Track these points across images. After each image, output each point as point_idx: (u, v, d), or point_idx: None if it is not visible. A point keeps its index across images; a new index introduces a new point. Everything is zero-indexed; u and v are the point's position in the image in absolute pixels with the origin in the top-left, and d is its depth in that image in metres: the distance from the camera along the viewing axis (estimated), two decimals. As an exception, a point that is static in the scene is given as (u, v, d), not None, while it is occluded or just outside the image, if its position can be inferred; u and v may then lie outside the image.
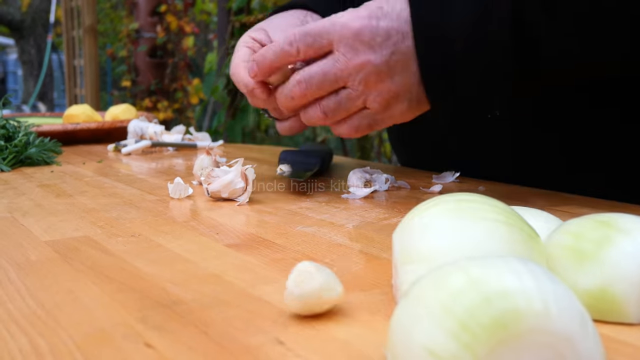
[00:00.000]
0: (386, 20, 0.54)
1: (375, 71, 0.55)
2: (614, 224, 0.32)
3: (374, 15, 0.55)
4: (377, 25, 0.54)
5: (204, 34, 7.40)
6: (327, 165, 0.83)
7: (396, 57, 0.54)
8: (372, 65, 0.54)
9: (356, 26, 0.54)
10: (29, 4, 7.50)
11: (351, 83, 0.56)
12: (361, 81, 0.55)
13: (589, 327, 0.24)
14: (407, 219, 0.34)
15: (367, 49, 0.54)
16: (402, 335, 0.25)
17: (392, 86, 0.55)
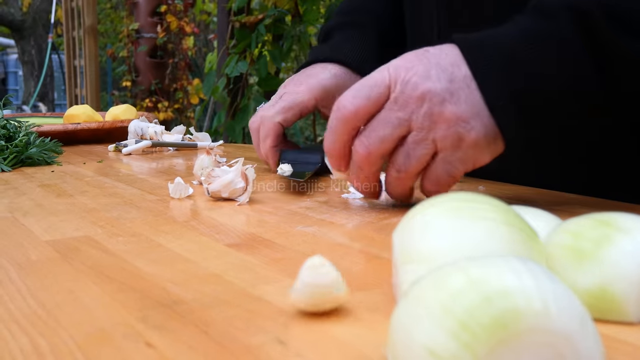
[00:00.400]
0: (435, 57, 0.53)
1: (439, 99, 0.51)
2: (613, 223, 0.32)
3: (420, 54, 0.54)
4: (428, 60, 0.53)
5: (204, 34, 7.39)
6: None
7: (456, 85, 0.52)
8: (434, 93, 0.52)
9: (407, 64, 0.53)
10: (30, 4, 7.51)
11: (415, 121, 0.52)
12: (425, 114, 0.52)
13: (588, 326, 0.24)
14: (407, 218, 0.34)
15: (424, 79, 0.52)
16: (402, 334, 0.25)
17: (457, 111, 0.51)
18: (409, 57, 0.54)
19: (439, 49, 0.54)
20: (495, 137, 0.53)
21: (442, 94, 0.51)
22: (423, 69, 0.53)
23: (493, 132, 0.52)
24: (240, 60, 2.64)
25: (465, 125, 0.52)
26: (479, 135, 0.52)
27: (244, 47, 2.65)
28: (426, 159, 0.54)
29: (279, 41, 2.83)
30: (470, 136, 0.52)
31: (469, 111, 0.51)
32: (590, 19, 0.49)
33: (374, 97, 0.53)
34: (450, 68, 0.52)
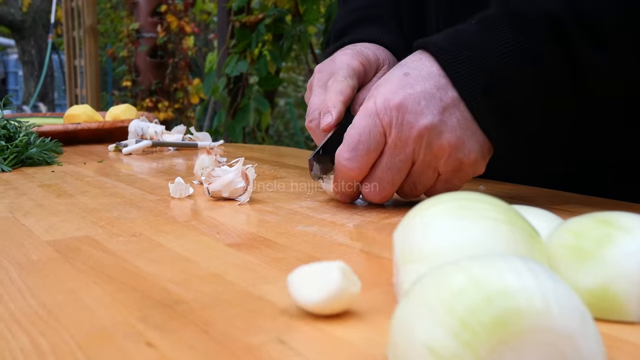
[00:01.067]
0: (418, 81, 0.53)
1: (436, 133, 0.53)
2: (614, 223, 0.32)
3: (403, 85, 0.54)
4: (412, 89, 0.53)
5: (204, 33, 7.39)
6: None
7: (448, 112, 0.53)
8: (431, 128, 0.53)
9: (396, 102, 0.53)
10: (30, 4, 7.51)
11: (417, 157, 0.55)
12: (426, 150, 0.54)
13: (589, 325, 0.24)
14: (408, 218, 0.34)
15: (417, 117, 0.53)
16: (403, 334, 0.25)
17: (455, 139, 0.53)
18: (392, 89, 0.54)
19: (417, 69, 0.54)
20: (489, 149, 0.56)
21: (437, 127, 0.53)
22: (412, 103, 0.53)
23: (487, 146, 0.55)
24: (241, 60, 2.64)
25: (464, 149, 0.54)
26: (477, 155, 0.55)
27: (244, 46, 2.65)
28: (431, 183, 0.57)
29: (279, 41, 2.83)
30: (470, 159, 0.55)
31: (464, 134, 0.54)
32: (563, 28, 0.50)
33: (373, 150, 0.55)
34: (438, 93, 0.53)
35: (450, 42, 0.54)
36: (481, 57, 0.52)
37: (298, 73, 5.94)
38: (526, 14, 0.52)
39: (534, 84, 0.52)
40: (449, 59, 0.53)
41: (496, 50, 0.52)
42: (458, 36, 0.54)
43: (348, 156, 0.55)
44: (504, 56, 0.52)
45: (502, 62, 0.52)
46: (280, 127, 5.95)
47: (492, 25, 0.53)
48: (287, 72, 5.66)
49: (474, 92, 0.52)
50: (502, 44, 0.52)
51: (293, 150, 1.16)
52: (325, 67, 0.67)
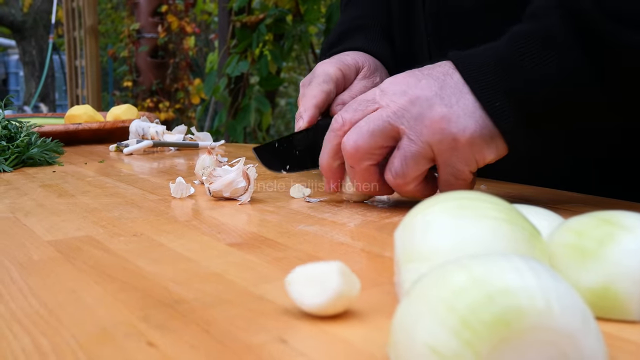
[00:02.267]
0: (427, 69, 0.55)
1: (429, 103, 0.52)
2: (616, 222, 0.32)
3: (412, 73, 0.55)
4: (420, 72, 0.54)
5: (205, 34, 7.40)
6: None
7: (447, 91, 0.52)
8: (424, 98, 0.52)
9: (399, 79, 0.55)
10: (30, 5, 7.51)
11: (405, 125, 0.53)
12: (416, 118, 0.53)
13: (591, 324, 0.24)
14: (409, 217, 0.34)
15: (413, 88, 0.53)
16: (404, 333, 0.25)
17: (447, 112, 0.52)
18: (400, 75, 0.55)
19: (432, 65, 0.55)
20: (493, 136, 0.52)
21: (431, 99, 0.52)
22: (414, 80, 0.54)
23: (489, 131, 0.52)
24: (241, 60, 2.65)
25: (457, 124, 0.51)
26: (474, 133, 0.52)
27: (245, 46, 2.65)
28: (423, 162, 0.53)
29: (280, 41, 2.83)
30: (464, 135, 0.52)
31: (460, 112, 0.52)
32: (582, 14, 0.49)
33: (361, 109, 0.55)
34: (442, 77, 0.53)
35: (469, 50, 0.54)
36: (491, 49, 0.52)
37: (299, 73, 5.94)
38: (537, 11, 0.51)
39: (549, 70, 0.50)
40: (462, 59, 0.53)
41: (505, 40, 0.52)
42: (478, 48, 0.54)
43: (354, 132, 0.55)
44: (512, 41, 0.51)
45: (510, 47, 0.51)
46: (281, 127, 5.95)
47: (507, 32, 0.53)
48: (288, 72, 5.66)
49: (479, 77, 0.52)
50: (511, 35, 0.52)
51: (294, 150, 1.16)
52: (306, 80, 0.71)
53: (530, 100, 0.51)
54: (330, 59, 0.73)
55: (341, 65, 0.70)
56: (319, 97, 0.67)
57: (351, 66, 0.71)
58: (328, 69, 0.70)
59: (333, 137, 0.58)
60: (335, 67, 0.70)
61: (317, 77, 0.69)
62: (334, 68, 0.70)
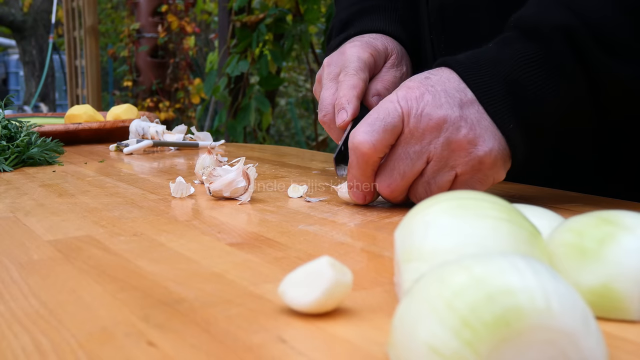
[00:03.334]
0: (439, 83, 0.53)
1: (455, 126, 0.52)
2: (616, 221, 0.32)
3: (423, 82, 0.53)
4: (433, 88, 0.53)
5: (205, 33, 7.39)
6: None
7: (466, 110, 0.52)
8: (450, 121, 0.52)
9: (415, 94, 0.53)
10: (30, 4, 7.51)
11: (433, 152, 0.53)
12: (443, 144, 0.52)
13: (591, 324, 0.24)
14: (409, 217, 0.34)
15: (437, 108, 0.52)
16: (404, 332, 0.25)
17: (474, 135, 0.52)
18: (413, 86, 0.54)
19: (437, 75, 0.54)
20: (507, 155, 0.54)
21: (456, 121, 0.52)
22: (432, 98, 0.52)
23: (506, 151, 0.53)
24: (241, 59, 2.64)
25: (484, 146, 0.52)
26: (497, 154, 0.53)
27: (245, 46, 2.65)
28: (448, 186, 0.54)
29: (280, 40, 2.83)
30: (490, 156, 0.52)
31: (484, 133, 0.52)
32: (579, 41, 0.50)
33: (389, 129, 0.53)
34: (457, 94, 0.53)
35: (468, 58, 0.54)
36: (498, 67, 0.52)
37: (299, 73, 5.94)
38: (540, 28, 0.51)
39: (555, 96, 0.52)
40: (467, 71, 0.53)
41: (512, 61, 0.52)
42: (476, 55, 0.54)
43: (363, 129, 0.53)
44: (521, 64, 0.51)
45: (518, 70, 0.51)
46: (281, 126, 5.95)
47: (507, 43, 0.53)
48: (288, 71, 5.66)
49: (493, 97, 0.52)
50: (518, 55, 0.52)
51: (294, 149, 1.16)
52: (335, 60, 0.67)
53: (537, 125, 0.53)
54: (360, 41, 0.68)
55: (372, 51, 0.67)
56: (359, 86, 0.63)
57: (381, 52, 0.68)
58: (361, 54, 0.66)
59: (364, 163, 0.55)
60: (367, 52, 0.66)
61: (352, 62, 0.65)
62: (366, 54, 0.66)
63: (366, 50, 0.66)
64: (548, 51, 0.51)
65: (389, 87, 0.67)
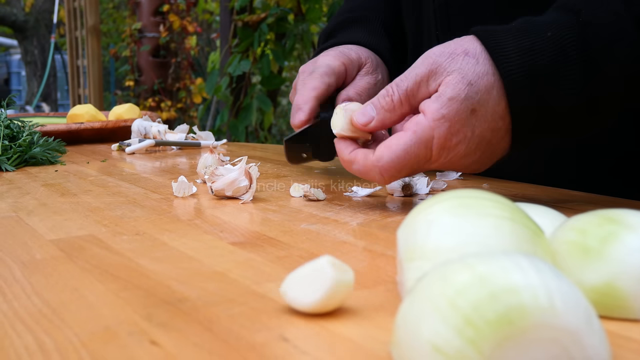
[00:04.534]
0: (480, 124, 0.51)
1: (464, 164, 0.54)
2: (619, 220, 0.32)
3: (468, 124, 0.51)
4: (471, 135, 0.51)
5: (207, 33, 7.40)
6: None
7: (488, 150, 0.53)
8: (463, 165, 0.53)
9: (453, 145, 0.52)
10: (32, 4, 7.52)
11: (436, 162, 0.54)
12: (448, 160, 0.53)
13: (594, 322, 0.24)
14: (412, 216, 0.34)
15: (462, 158, 0.53)
16: (407, 331, 0.25)
17: (477, 162, 0.54)
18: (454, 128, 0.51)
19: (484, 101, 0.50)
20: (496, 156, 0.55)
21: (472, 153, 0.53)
22: (465, 149, 0.52)
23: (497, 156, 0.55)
24: (243, 59, 2.65)
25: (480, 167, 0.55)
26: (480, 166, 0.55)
27: (247, 46, 2.65)
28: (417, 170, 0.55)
29: (282, 40, 2.83)
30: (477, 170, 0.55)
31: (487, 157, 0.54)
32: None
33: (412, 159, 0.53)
34: (493, 139, 0.52)
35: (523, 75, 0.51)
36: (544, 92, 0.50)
37: (300, 72, 5.92)
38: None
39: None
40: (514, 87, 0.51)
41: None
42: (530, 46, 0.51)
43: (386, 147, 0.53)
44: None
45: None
46: (282, 126, 5.95)
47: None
48: (290, 71, 5.66)
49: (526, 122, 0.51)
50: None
51: (296, 149, 1.16)
52: (307, 68, 0.70)
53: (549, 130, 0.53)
54: (334, 50, 0.71)
55: (345, 60, 0.69)
56: (320, 88, 0.66)
57: (354, 61, 0.71)
58: (331, 62, 0.68)
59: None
60: (339, 61, 0.69)
61: (319, 67, 0.67)
62: (338, 62, 0.69)
63: (338, 58, 0.69)
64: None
65: (361, 92, 0.69)
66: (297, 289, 0.33)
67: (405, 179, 0.65)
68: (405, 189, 0.65)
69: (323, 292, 0.32)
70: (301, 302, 0.32)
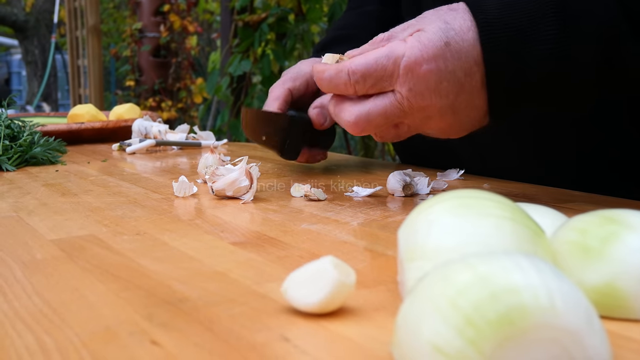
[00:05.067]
0: (454, 60, 0.51)
1: (439, 113, 0.53)
2: (620, 220, 0.32)
3: (440, 56, 0.51)
4: (444, 68, 0.51)
5: (207, 33, 7.40)
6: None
7: (461, 98, 0.52)
8: (437, 109, 0.53)
9: (422, 72, 0.51)
10: (33, 4, 7.52)
11: (411, 120, 0.54)
12: (423, 119, 0.54)
13: (595, 323, 0.24)
14: (412, 215, 0.34)
15: (432, 94, 0.52)
16: (408, 331, 0.25)
17: (455, 122, 0.54)
18: (427, 55, 0.51)
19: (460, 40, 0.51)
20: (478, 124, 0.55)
21: (443, 109, 0.53)
22: (435, 81, 0.51)
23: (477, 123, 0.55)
24: (244, 59, 2.65)
25: (457, 132, 0.55)
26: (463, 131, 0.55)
27: (247, 46, 2.65)
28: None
29: (282, 40, 2.83)
30: (457, 136, 0.56)
31: (464, 120, 0.54)
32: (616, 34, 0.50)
33: (377, 87, 0.53)
34: (464, 77, 0.51)
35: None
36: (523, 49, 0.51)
37: (301, 72, 5.92)
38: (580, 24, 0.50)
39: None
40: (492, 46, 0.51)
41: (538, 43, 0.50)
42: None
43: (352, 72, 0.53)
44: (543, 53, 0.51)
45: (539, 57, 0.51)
46: (283, 126, 5.94)
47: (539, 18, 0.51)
48: (290, 71, 5.64)
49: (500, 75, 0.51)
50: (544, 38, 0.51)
51: (296, 149, 1.16)
52: (285, 72, 0.77)
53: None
54: (315, 59, 0.78)
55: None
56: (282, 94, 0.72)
57: None
58: (305, 67, 0.74)
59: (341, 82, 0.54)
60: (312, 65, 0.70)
61: (287, 74, 0.74)
62: (310, 67, 0.73)
63: (313, 63, 0.72)
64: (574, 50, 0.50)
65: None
66: (298, 289, 0.33)
67: (406, 179, 0.65)
68: (406, 189, 0.65)
69: (325, 293, 0.32)
70: (302, 302, 0.32)
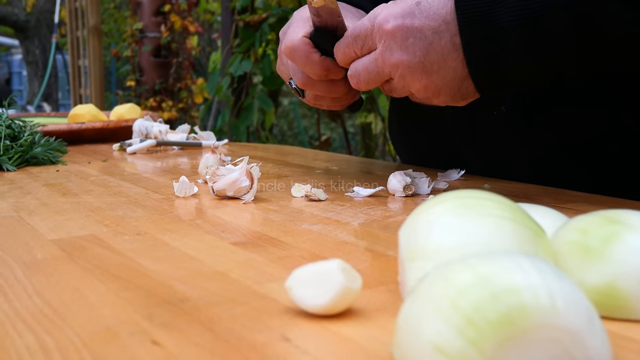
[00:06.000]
0: (422, 18, 0.53)
1: (410, 71, 0.55)
2: (621, 220, 0.32)
3: (408, 13, 0.54)
4: (410, 25, 0.54)
5: (208, 33, 7.40)
6: None
7: (431, 57, 0.53)
8: (406, 66, 0.55)
9: (389, 28, 0.54)
10: (33, 4, 7.52)
11: (393, 77, 0.57)
12: (400, 77, 0.56)
13: (596, 323, 0.24)
14: (413, 216, 0.34)
15: (400, 50, 0.54)
16: (409, 332, 0.25)
17: (430, 84, 0.55)
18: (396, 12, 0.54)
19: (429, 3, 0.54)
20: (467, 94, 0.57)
21: (414, 67, 0.54)
22: (401, 37, 0.54)
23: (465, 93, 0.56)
24: (244, 59, 2.65)
25: (437, 92, 0.56)
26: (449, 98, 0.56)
27: (248, 46, 2.65)
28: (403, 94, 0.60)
29: (283, 40, 2.82)
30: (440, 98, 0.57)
31: (441, 83, 0.55)
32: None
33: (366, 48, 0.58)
34: (432, 37, 0.53)
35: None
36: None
37: (301, 72, 5.92)
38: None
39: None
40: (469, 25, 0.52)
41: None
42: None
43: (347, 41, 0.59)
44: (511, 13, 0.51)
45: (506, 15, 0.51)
46: (284, 126, 5.95)
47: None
48: (291, 71, 5.64)
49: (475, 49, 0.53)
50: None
51: (297, 149, 1.16)
52: (285, 28, 0.75)
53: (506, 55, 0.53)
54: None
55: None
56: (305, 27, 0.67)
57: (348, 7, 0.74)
58: (305, 12, 0.71)
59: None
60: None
61: (296, 19, 0.71)
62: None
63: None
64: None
65: None
66: (303, 288, 0.32)
67: (407, 179, 0.65)
68: (407, 189, 0.65)
69: (330, 297, 0.32)
70: (307, 303, 0.32)
